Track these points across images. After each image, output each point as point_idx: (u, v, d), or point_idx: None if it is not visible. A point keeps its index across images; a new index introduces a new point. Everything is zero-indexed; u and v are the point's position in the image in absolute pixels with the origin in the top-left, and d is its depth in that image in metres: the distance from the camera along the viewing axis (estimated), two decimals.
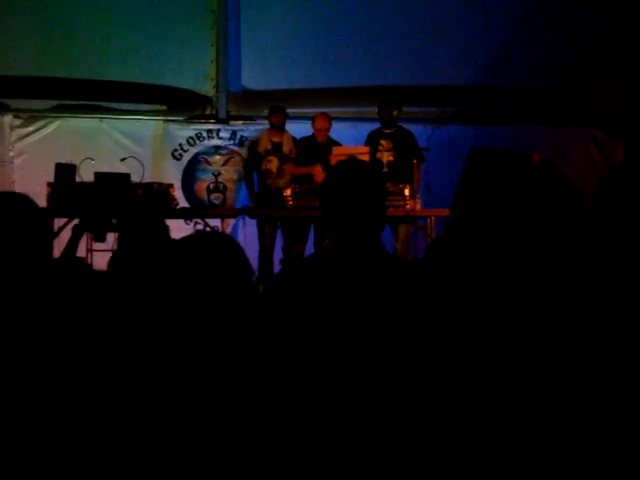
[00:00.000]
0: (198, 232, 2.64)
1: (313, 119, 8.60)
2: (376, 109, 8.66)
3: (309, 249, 8.39)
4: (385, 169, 8.20)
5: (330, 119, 8.59)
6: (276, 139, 8.57)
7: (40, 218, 2.57)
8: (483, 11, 9.78)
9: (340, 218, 2.59)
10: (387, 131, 8.43)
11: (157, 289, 2.45)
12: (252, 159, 8.69)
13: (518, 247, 2.88)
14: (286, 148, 8.53)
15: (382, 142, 8.38)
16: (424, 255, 3.15)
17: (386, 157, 8.27)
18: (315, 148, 8.42)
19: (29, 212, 2.53)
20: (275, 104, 8.72)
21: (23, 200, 2.56)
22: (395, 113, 8.40)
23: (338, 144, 8.41)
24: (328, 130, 8.52)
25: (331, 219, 2.62)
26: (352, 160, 2.74)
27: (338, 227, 2.60)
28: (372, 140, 8.44)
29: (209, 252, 2.34)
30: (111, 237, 6.56)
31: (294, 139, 8.62)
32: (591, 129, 10.12)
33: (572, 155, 9.80)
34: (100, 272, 4.76)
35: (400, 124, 8.52)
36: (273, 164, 8.51)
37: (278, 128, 8.59)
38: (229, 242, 2.41)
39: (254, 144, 8.76)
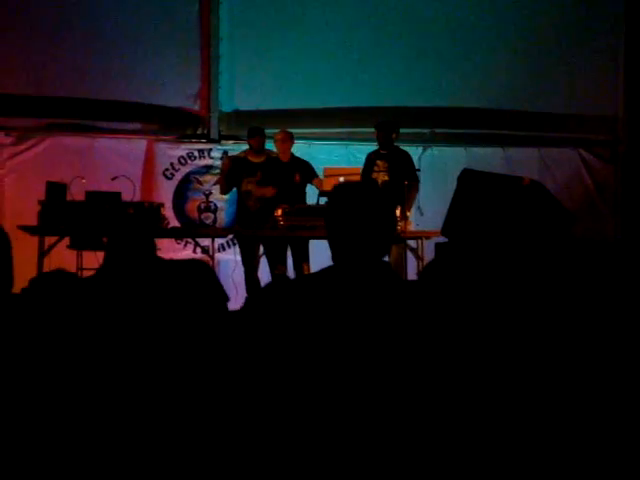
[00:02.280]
0: (173, 261, 2.66)
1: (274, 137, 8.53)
2: (368, 129, 8.67)
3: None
4: None
5: (290, 135, 8.50)
6: (256, 160, 8.53)
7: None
8: (473, 34, 9.83)
9: (344, 240, 2.53)
10: (383, 152, 8.44)
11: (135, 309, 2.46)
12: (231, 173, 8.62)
13: (509, 269, 2.89)
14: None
15: (378, 162, 8.39)
16: (418, 278, 3.16)
17: (381, 177, 8.27)
18: (278, 168, 8.37)
19: None
20: (253, 126, 8.64)
21: None
22: (393, 136, 8.40)
23: (305, 162, 8.39)
24: (288, 147, 8.44)
25: (334, 240, 2.55)
26: (359, 182, 2.78)
27: (341, 249, 2.55)
28: (369, 161, 8.43)
29: (183, 279, 2.37)
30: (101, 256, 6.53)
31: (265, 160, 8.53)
32: (581, 151, 10.16)
33: (562, 177, 9.85)
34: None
35: (396, 145, 8.52)
36: (253, 185, 8.44)
37: (257, 150, 8.55)
38: (203, 270, 2.44)
39: (234, 160, 8.70)
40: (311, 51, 9.77)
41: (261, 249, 8.39)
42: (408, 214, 7.94)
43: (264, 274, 8.39)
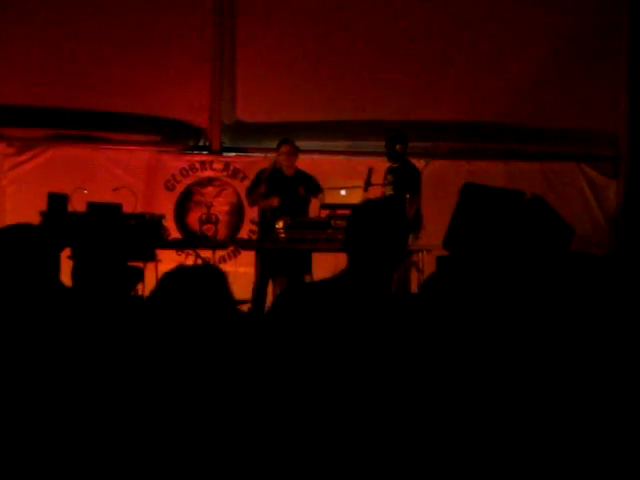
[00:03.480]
0: (181, 267, 2.67)
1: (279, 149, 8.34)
2: (369, 142, 8.67)
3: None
4: None
5: (295, 148, 8.34)
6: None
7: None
8: (475, 48, 9.85)
9: (358, 252, 2.72)
10: (393, 165, 8.46)
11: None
12: (253, 188, 8.50)
13: (510, 283, 2.89)
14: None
15: (387, 176, 8.42)
16: (419, 291, 3.18)
17: (388, 191, 8.28)
18: (282, 181, 8.26)
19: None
20: (285, 137, 8.46)
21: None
22: (398, 147, 8.41)
23: (308, 177, 8.32)
24: (294, 160, 8.30)
25: (350, 251, 2.76)
26: (379, 200, 2.93)
27: (354, 260, 2.72)
28: (384, 174, 8.45)
29: (192, 283, 2.37)
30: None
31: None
32: (583, 166, 10.17)
33: (564, 192, 9.84)
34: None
35: (407, 159, 8.52)
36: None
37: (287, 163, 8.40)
38: (213, 273, 2.44)
39: (259, 174, 8.59)
40: (313, 64, 9.78)
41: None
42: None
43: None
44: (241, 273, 8.69)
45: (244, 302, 7.56)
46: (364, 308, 2.58)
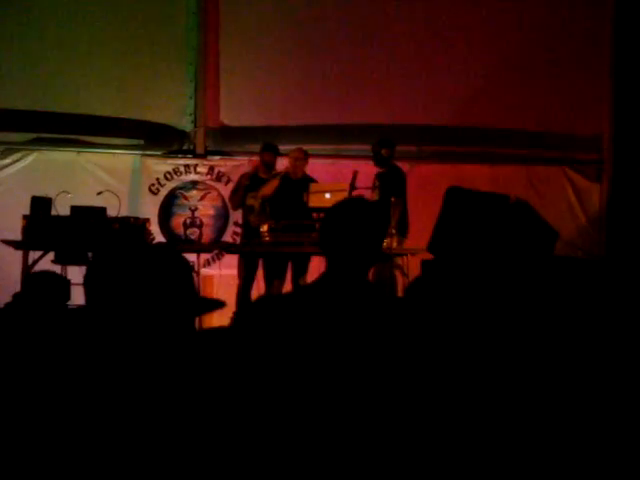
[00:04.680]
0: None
1: (289, 154, 8.58)
2: (354, 146, 8.67)
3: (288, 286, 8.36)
4: None
5: (305, 154, 8.55)
6: (264, 176, 8.51)
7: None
8: (460, 51, 9.88)
9: (335, 252, 2.69)
10: (380, 170, 8.47)
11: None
12: (235, 191, 8.59)
13: (494, 287, 2.89)
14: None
15: (375, 181, 8.42)
16: (404, 295, 3.18)
17: (375, 196, 8.28)
18: (289, 185, 8.37)
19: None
20: (268, 143, 8.61)
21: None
22: (384, 152, 8.41)
23: (314, 181, 8.38)
24: (303, 166, 8.50)
25: (327, 252, 2.72)
26: (355, 199, 2.90)
27: (332, 261, 2.70)
28: (373, 179, 8.45)
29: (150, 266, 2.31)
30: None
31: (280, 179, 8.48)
32: (566, 169, 10.21)
33: (548, 195, 9.88)
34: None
35: (393, 163, 8.53)
36: (255, 200, 8.42)
37: (268, 166, 8.53)
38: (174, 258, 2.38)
39: (242, 177, 8.66)
40: (298, 69, 9.79)
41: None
42: (393, 231, 7.92)
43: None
44: (225, 276, 8.68)
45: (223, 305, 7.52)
46: (345, 309, 2.57)
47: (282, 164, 8.60)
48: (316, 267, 7.88)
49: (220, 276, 8.74)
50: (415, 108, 9.86)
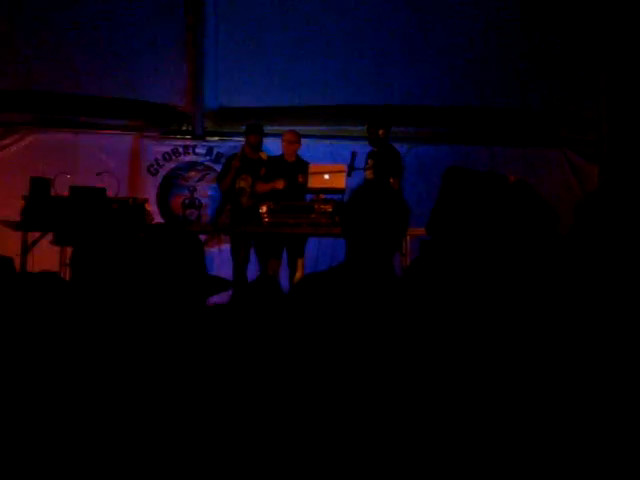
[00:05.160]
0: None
1: (282, 136, 8.55)
2: (352, 127, 8.64)
3: (284, 268, 8.37)
4: None
5: (298, 136, 8.51)
6: (253, 157, 8.50)
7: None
8: (459, 32, 9.84)
9: (358, 238, 2.67)
10: (374, 149, 8.43)
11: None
12: (224, 174, 8.61)
13: (494, 267, 2.89)
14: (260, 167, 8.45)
15: (369, 160, 8.37)
16: (403, 275, 3.18)
17: (369, 175, 8.24)
18: (283, 167, 8.35)
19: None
20: (252, 123, 8.64)
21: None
22: (381, 132, 8.37)
23: (307, 163, 8.35)
24: (296, 148, 8.47)
25: (349, 238, 2.70)
26: (376, 183, 2.87)
27: (353, 247, 2.68)
28: (366, 158, 8.42)
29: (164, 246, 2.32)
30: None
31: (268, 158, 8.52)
32: (566, 150, 10.19)
33: (547, 176, 9.86)
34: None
35: (390, 143, 8.50)
36: (246, 182, 8.44)
37: (254, 147, 8.54)
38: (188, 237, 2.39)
39: (229, 159, 8.70)
40: (295, 49, 9.76)
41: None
42: None
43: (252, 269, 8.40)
44: (224, 256, 8.69)
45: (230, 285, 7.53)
46: (374, 297, 2.58)
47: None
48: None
49: (219, 256, 8.76)
50: (412, 89, 9.83)
